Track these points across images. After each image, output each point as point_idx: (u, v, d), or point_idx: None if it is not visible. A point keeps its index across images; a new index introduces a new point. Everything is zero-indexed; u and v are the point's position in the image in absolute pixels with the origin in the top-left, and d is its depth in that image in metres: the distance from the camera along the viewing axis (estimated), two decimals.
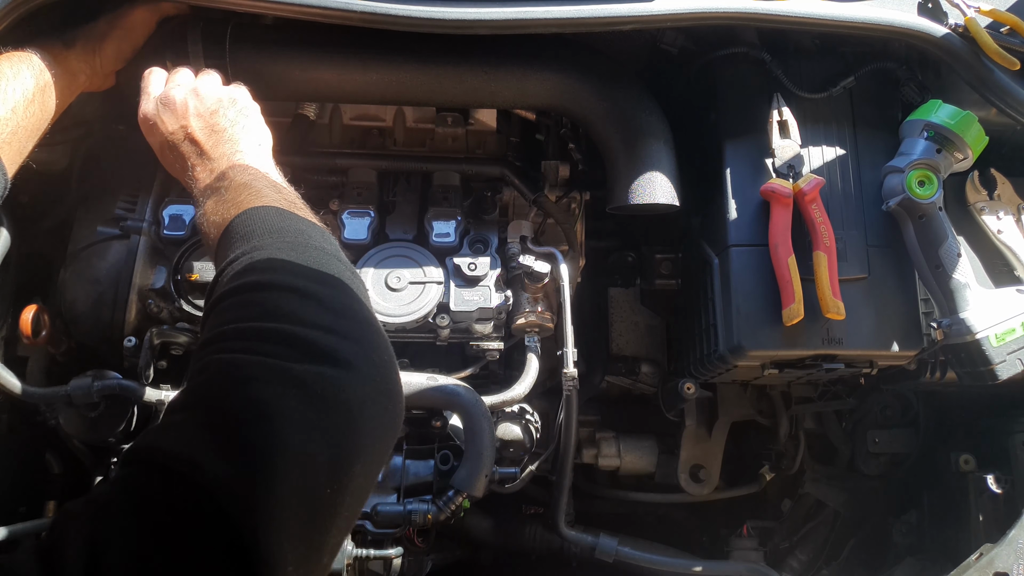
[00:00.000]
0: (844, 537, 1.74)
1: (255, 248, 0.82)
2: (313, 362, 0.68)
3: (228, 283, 0.79)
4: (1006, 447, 1.47)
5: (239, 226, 0.88)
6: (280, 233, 0.85)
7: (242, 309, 0.74)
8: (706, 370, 1.48)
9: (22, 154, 1.11)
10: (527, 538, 1.65)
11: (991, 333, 1.26)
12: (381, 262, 1.46)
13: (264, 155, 1.09)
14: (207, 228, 0.96)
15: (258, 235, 0.85)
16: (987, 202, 1.46)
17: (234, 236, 0.87)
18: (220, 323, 0.74)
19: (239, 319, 0.73)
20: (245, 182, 0.98)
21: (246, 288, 0.77)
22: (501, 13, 1.22)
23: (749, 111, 1.40)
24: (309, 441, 0.64)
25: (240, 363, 0.67)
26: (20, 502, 1.50)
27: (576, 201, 1.60)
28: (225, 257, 0.85)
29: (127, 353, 1.42)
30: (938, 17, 1.31)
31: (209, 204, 0.98)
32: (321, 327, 0.71)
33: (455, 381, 1.43)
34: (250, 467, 0.61)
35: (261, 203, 0.91)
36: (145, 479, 0.62)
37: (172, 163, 1.12)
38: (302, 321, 0.72)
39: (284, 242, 0.84)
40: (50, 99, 1.15)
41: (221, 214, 0.93)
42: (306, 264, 0.80)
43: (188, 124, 1.09)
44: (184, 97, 1.12)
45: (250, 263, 0.80)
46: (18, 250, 1.44)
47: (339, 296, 0.78)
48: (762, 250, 1.33)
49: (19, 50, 1.13)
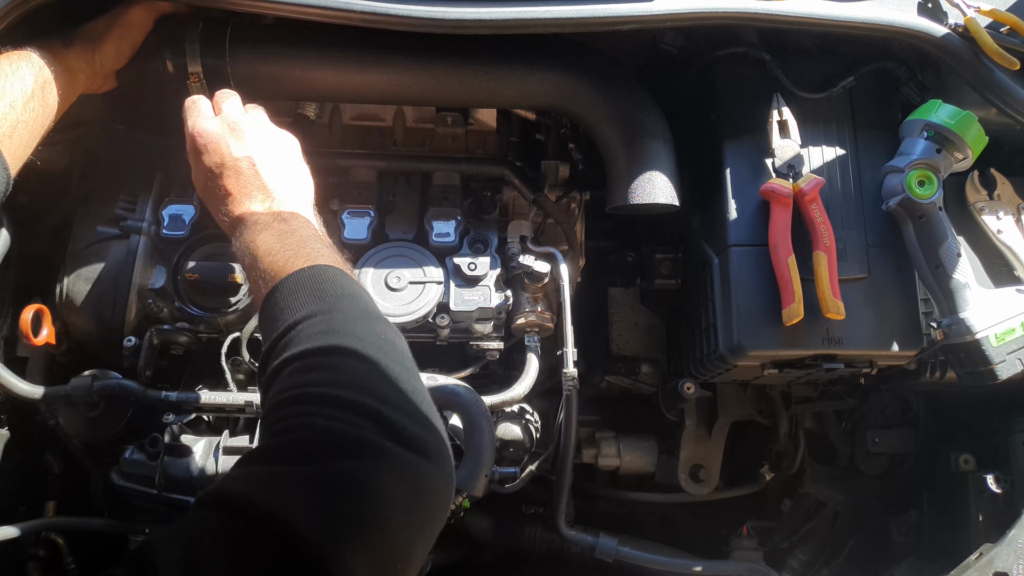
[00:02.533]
0: (844, 537, 1.74)
1: (334, 310, 0.87)
2: (400, 445, 0.73)
3: (311, 340, 0.83)
4: (1006, 447, 1.47)
5: (306, 281, 0.91)
6: (354, 299, 0.90)
7: (330, 373, 0.79)
8: (706, 370, 1.48)
9: (26, 151, 1.11)
10: (527, 538, 1.65)
11: (991, 333, 1.26)
12: (381, 262, 1.46)
13: (313, 212, 1.11)
14: (257, 262, 0.96)
15: (332, 296, 0.89)
16: (987, 202, 1.46)
17: (304, 288, 0.90)
18: (309, 382, 0.78)
19: (328, 384, 0.77)
20: (308, 236, 1.00)
21: (332, 351, 0.81)
22: (501, 13, 1.22)
23: (749, 111, 1.40)
24: (398, 522, 0.70)
25: (339, 434, 0.72)
26: (20, 502, 1.50)
27: (576, 201, 1.60)
28: (294, 309, 0.88)
29: (127, 353, 1.42)
30: (938, 17, 1.31)
31: (264, 238, 0.98)
32: (403, 410, 0.77)
33: (455, 381, 1.43)
34: (346, 540, 0.65)
35: (328, 262, 0.95)
36: (242, 532, 0.65)
37: (218, 187, 1.08)
38: (387, 400, 0.77)
39: (360, 310, 0.89)
40: (51, 97, 1.15)
41: (282, 257, 0.95)
42: (383, 338, 0.86)
43: (255, 156, 1.09)
44: (253, 128, 1.12)
45: (331, 326, 0.84)
46: (18, 250, 1.44)
47: (410, 378, 0.83)
48: (762, 250, 1.33)
49: (18, 49, 1.13)
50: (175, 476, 1.38)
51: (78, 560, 1.50)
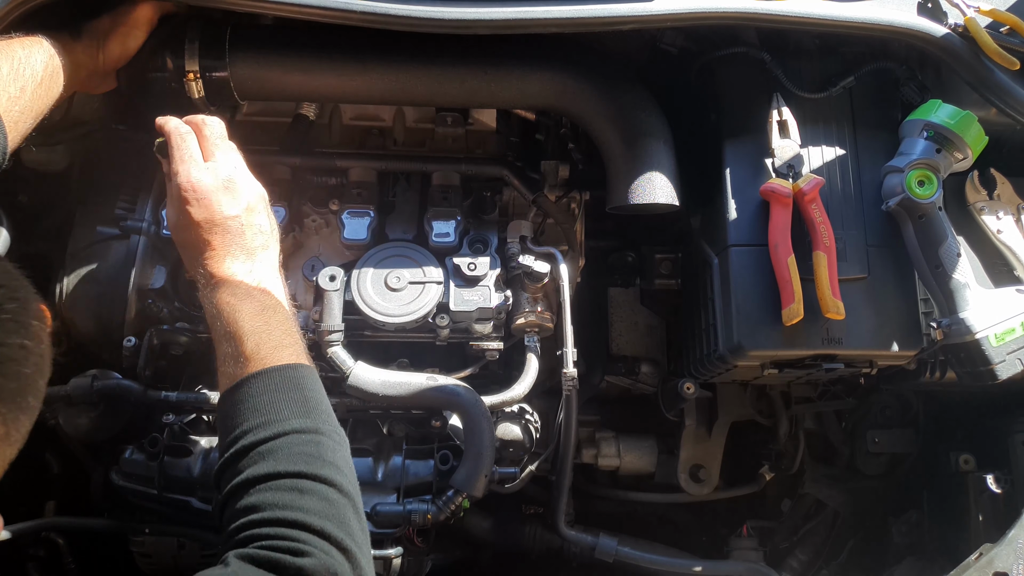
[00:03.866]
0: (844, 537, 1.74)
1: (320, 432, 0.95)
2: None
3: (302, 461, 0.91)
4: (1006, 447, 1.47)
5: (295, 385, 0.98)
6: (330, 418, 0.99)
7: (324, 504, 0.89)
8: (706, 370, 1.48)
9: (22, 138, 1.11)
10: (527, 538, 1.65)
11: (991, 333, 1.26)
12: (381, 262, 1.46)
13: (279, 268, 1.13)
14: (242, 336, 0.99)
15: (316, 413, 0.97)
16: (987, 202, 1.46)
17: (291, 395, 0.97)
18: (307, 508, 0.87)
19: (322, 515, 0.87)
20: (287, 316, 1.05)
21: (325, 481, 0.91)
22: (501, 13, 1.22)
23: (749, 111, 1.40)
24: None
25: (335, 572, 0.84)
26: (20, 502, 1.50)
27: (576, 201, 1.60)
28: (282, 412, 0.94)
29: (127, 353, 1.42)
30: (938, 17, 1.31)
31: (247, 311, 1.01)
32: (361, 548, 0.90)
33: (455, 381, 1.43)
34: None
35: (305, 360, 1.02)
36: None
37: (201, 241, 1.06)
38: (355, 539, 0.89)
39: (337, 433, 0.98)
40: (55, 87, 1.16)
41: (266, 340, 0.99)
42: (350, 467, 0.97)
43: (243, 216, 1.08)
44: (245, 186, 1.11)
45: (320, 451, 0.93)
46: (18, 250, 1.44)
47: (362, 511, 0.95)
48: (762, 250, 1.33)
49: (31, 35, 1.14)
50: (175, 476, 1.38)
51: (78, 560, 1.50)
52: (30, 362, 0.71)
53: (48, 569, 1.49)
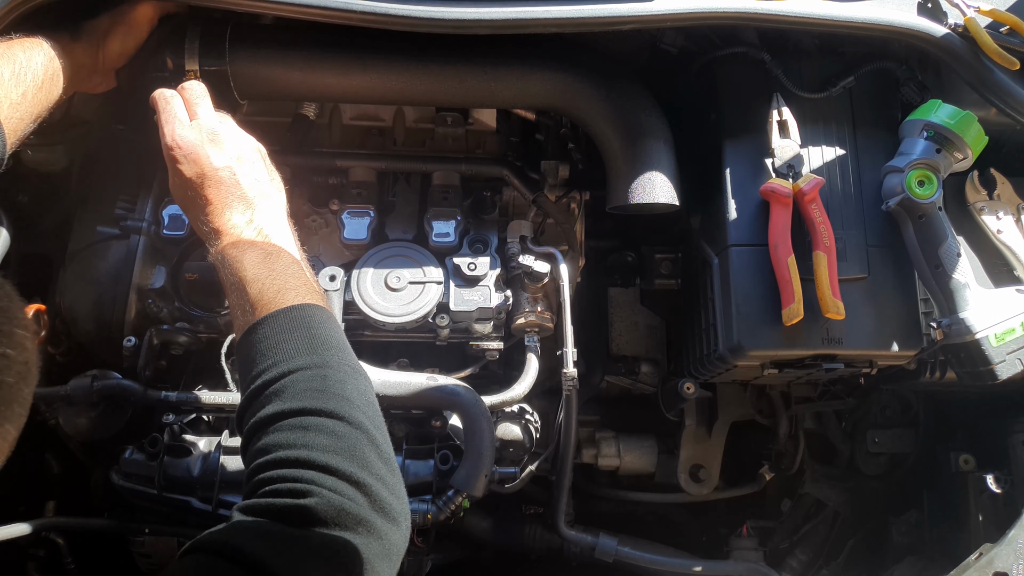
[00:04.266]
0: (844, 537, 1.74)
1: (326, 365, 0.92)
2: (384, 518, 0.83)
3: (307, 397, 0.88)
4: (1006, 447, 1.47)
5: (299, 324, 0.95)
6: (340, 351, 0.96)
7: (330, 439, 0.85)
8: (706, 370, 1.48)
9: (20, 141, 1.11)
10: (527, 538, 1.65)
11: (991, 333, 1.26)
12: (381, 262, 1.46)
13: (285, 216, 1.12)
14: (244, 285, 0.98)
15: (323, 347, 0.94)
16: (987, 202, 1.46)
17: (296, 333, 0.94)
18: (310, 444, 0.84)
19: (329, 450, 0.84)
20: (291, 260, 1.03)
21: (329, 414, 0.87)
22: (501, 13, 1.22)
23: (749, 111, 1.40)
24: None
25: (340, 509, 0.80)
26: (20, 502, 1.50)
27: (576, 201, 1.60)
28: (287, 352, 0.92)
29: (127, 353, 1.42)
30: (938, 17, 1.31)
31: (250, 260, 1.00)
32: (383, 480, 0.86)
33: (455, 381, 1.43)
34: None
35: (312, 300, 0.99)
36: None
37: (198, 197, 1.08)
38: (373, 472, 0.85)
39: (348, 366, 0.95)
40: (56, 88, 1.16)
41: (271, 286, 0.98)
42: (366, 399, 0.93)
43: (235, 165, 1.09)
44: (231, 137, 1.11)
45: (325, 384, 0.90)
46: (18, 250, 1.44)
47: (387, 444, 0.91)
48: (762, 250, 1.33)
49: (31, 36, 1.14)
50: (175, 476, 1.38)
51: (78, 560, 1.50)
52: (13, 371, 0.70)
53: (48, 569, 1.49)
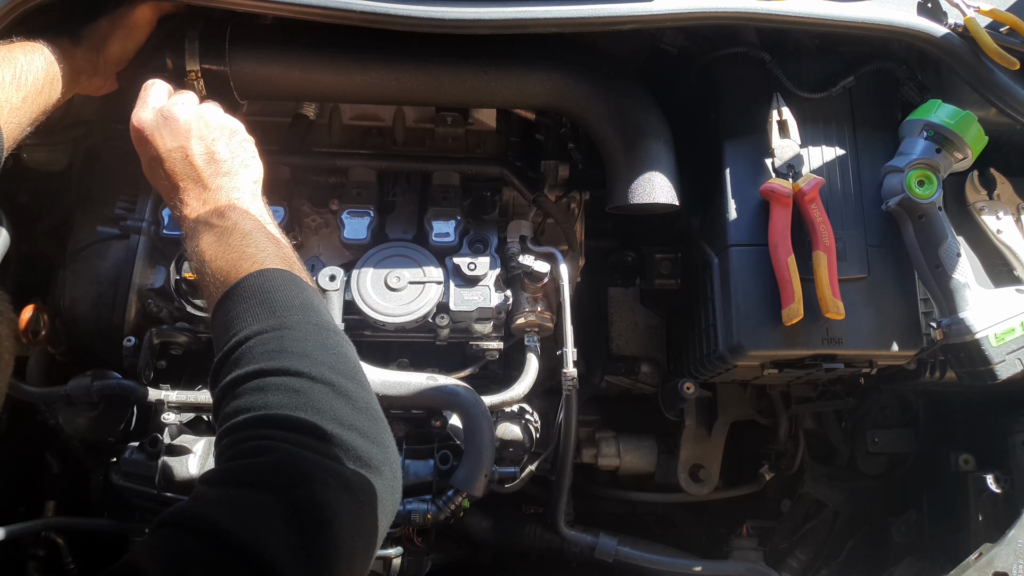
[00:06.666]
0: (844, 537, 1.74)
1: (284, 326, 0.88)
2: (355, 464, 0.79)
3: (264, 359, 0.85)
4: (1006, 447, 1.47)
5: (255, 290, 0.92)
6: (303, 310, 0.91)
7: (288, 395, 0.81)
8: (706, 370, 1.48)
9: (17, 142, 1.11)
10: (527, 538, 1.65)
11: (990, 333, 1.26)
12: (381, 262, 1.46)
13: (258, 194, 1.10)
14: (204, 266, 0.97)
15: (282, 309, 0.90)
16: (987, 202, 1.46)
17: (252, 300, 0.91)
18: (268, 404, 0.81)
19: (288, 407, 0.80)
20: (248, 231, 1.00)
21: (286, 372, 0.83)
22: (501, 13, 1.22)
23: (749, 111, 1.40)
24: (357, 543, 0.76)
25: (304, 461, 0.76)
26: (20, 502, 1.50)
27: (576, 201, 1.60)
28: (245, 321, 0.89)
29: (127, 353, 1.42)
30: (938, 17, 1.31)
31: (206, 240, 0.99)
32: (356, 429, 0.81)
33: (455, 381, 1.43)
34: (312, 566, 0.70)
35: (271, 264, 0.96)
36: (220, 561, 0.67)
37: (160, 179, 1.09)
38: (342, 422, 0.81)
39: (310, 324, 0.90)
40: (55, 92, 1.16)
41: (227, 260, 0.96)
42: (334, 352, 0.88)
43: (187, 145, 1.08)
44: (187, 117, 1.10)
45: (282, 344, 0.86)
46: (18, 250, 1.44)
47: (363, 394, 0.87)
48: (762, 250, 1.33)
49: (31, 40, 1.14)
50: (175, 476, 1.38)
51: (78, 560, 1.50)
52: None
53: (48, 569, 1.49)
